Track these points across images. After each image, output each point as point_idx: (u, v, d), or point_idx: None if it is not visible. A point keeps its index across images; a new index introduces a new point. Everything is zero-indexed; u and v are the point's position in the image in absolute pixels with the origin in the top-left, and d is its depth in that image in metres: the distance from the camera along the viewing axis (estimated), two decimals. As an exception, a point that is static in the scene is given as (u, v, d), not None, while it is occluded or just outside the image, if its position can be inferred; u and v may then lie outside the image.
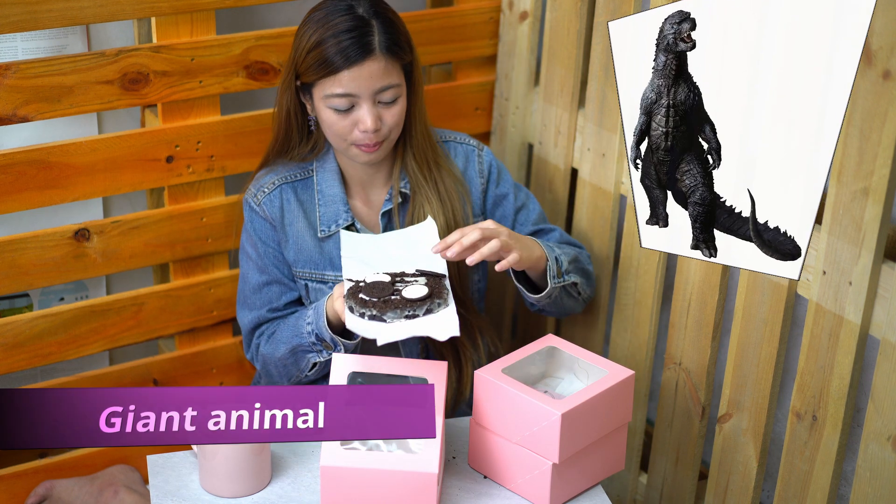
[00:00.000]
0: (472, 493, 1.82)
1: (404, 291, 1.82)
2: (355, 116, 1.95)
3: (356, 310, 1.81)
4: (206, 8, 2.18)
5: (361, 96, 1.93)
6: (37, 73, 2.06)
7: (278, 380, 2.10)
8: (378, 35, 1.93)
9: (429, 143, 2.08)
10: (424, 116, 2.07)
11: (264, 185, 2.07)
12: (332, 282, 2.06)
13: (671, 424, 2.21)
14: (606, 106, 2.25)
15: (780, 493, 1.99)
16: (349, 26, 1.92)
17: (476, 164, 2.15)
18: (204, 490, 1.81)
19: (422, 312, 1.80)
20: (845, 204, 1.76)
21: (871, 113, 1.69)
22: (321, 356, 1.99)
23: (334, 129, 1.97)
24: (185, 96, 2.21)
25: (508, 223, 2.16)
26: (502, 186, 2.16)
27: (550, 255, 2.03)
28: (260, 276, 2.08)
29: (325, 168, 2.08)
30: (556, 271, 2.03)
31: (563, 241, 2.19)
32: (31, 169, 2.11)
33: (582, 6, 2.30)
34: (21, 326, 2.19)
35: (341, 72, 1.92)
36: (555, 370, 1.94)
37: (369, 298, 1.81)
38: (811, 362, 1.89)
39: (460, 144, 2.16)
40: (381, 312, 1.79)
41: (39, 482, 2.30)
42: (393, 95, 1.96)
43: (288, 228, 2.06)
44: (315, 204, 2.07)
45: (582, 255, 2.15)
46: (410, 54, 2.00)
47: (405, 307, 1.80)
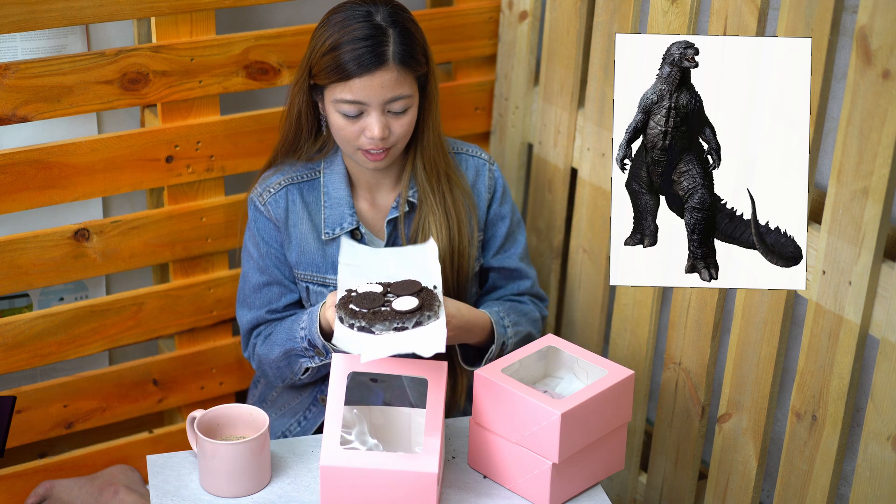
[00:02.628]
0: (472, 493, 1.82)
1: (394, 303, 1.80)
2: (363, 123, 1.94)
3: (346, 320, 1.79)
4: (205, 8, 2.18)
5: (371, 105, 1.92)
6: (36, 73, 2.05)
7: (273, 380, 2.10)
8: (393, 45, 1.91)
9: (441, 154, 2.06)
10: (438, 126, 2.05)
11: (270, 185, 2.07)
12: (334, 285, 2.05)
13: (671, 424, 2.21)
14: (606, 106, 2.25)
15: (779, 492, 1.99)
16: (365, 34, 1.91)
17: (486, 178, 2.13)
18: (204, 490, 1.81)
19: (411, 325, 1.78)
20: (845, 203, 1.76)
21: (871, 113, 1.69)
22: (313, 362, 1.99)
23: (342, 133, 1.96)
24: (185, 96, 2.21)
25: (496, 244, 2.14)
26: (504, 207, 2.15)
27: (497, 342, 2.02)
28: (260, 276, 2.08)
29: (333, 170, 2.07)
30: (496, 355, 2.03)
31: (532, 293, 2.17)
32: (31, 169, 2.11)
33: (582, 6, 2.30)
34: (21, 326, 2.19)
35: (352, 79, 1.90)
36: (555, 370, 1.94)
37: (359, 309, 1.79)
38: (811, 362, 1.89)
39: (472, 157, 2.14)
40: (369, 324, 1.77)
41: (39, 482, 2.30)
42: (403, 106, 1.94)
43: (291, 230, 2.06)
44: (321, 206, 2.06)
45: (535, 328, 2.13)
46: (426, 66, 1.98)
47: (394, 319, 1.77)
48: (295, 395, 2.15)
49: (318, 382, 2.12)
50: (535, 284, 2.18)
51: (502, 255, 2.14)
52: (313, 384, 2.13)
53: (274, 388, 2.18)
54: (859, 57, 1.70)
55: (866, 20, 1.67)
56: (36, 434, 2.28)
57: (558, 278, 2.52)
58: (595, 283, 2.36)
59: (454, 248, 2.05)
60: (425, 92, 2.01)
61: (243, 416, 1.85)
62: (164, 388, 2.39)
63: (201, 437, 1.77)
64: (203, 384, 2.43)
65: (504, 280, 2.16)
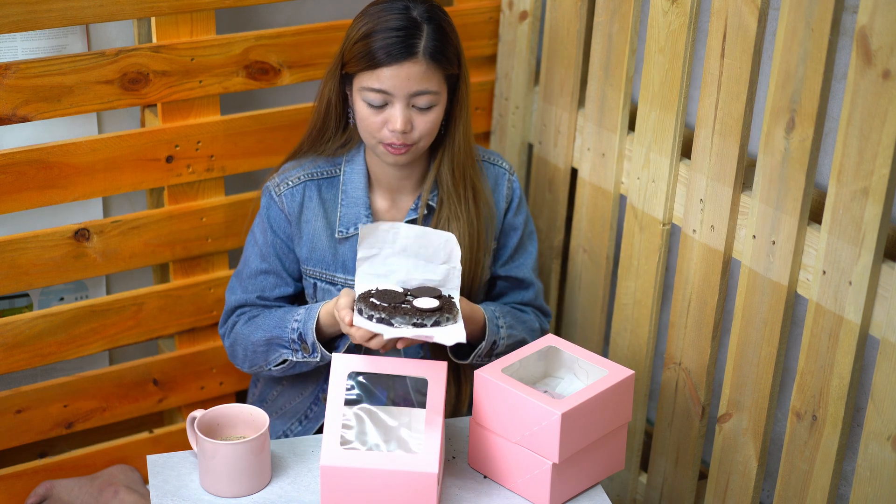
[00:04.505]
0: (472, 492, 1.82)
1: (415, 302, 1.85)
2: (387, 114, 1.93)
3: (365, 312, 1.83)
4: (205, 8, 2.18)
5: (396, 96, 1.92)
6: (37, 73, 2.05)
7: (241, 363, 2.09)
8: (426, 39, 1.91)
9: (470, 161, 2.05)
10: (469, 133, 2.04)
11: (289, 177, 2.06)
12: (342, 284, 2.05)
13: (671, 424, 2.21)
14: (606, 106, 2.25)
15: (780, 492, 1.99)
16: (399, 25, 1.91)
17: (504, 188, 2.13)
18: (204, 490, 1.81)
19: (430, 323, 1.82)
20: (845, 203, 1.76)
21: (871, 113, 1.69)
22: (295, 356, 1.99)
23: (365, 123, 1.96)
24: (185, 96, 2.21)
25: (506, 254, 2.14)
26: (518, 217, 2.14)
27: (488, 340, 2.03)
28: (261, 262, 2.07)
29: (354, 168, 2.06)
30: (486, 353, 2.04)
31: (535, 304, 2.17)
32: (31, 169, 2.11)
33: (582, 6, 2.30)
34: (21, 326, 2.19)
35: (381, 68, 1.90)
36: (555, 370, 1.94)
37: (380, 303, 1.83)
38: (811, 362, 1.89)
39: (492, 165, 2.13)
40: (389, 316, 1.81)
41: (39, 482, 2.30)
42: (428, 102, 1.93)
43: (304, 226, 2.05)
44: (337, 203, 2.06)
45: (530, 337, 2.12)
46: (457, 66, 1.97)
47: (414, 315, 1.82)
48: (296, 394, 2.15)
49: (321, 382, 2.12)
50: (539, 296, 2.18)
51: (511, 265, 2.14)
52: (315, 384, 2.12)
53: (274, 388, 2.18)
54: (859, 57, 1.69)
55: (866, 20, 1.67)
56: (36, 434, 2.28)
57: (558, 278, 2.52)
58: (595, 283, 2.36)
59: (472, 257, 2.06)
60: (456, 95, 2.00)
61: (243, 416, 1.85)
62: (165, 388, 2.39)
63: (201, 437, 1.77)
64: (203, 384, 2.43)
65: (510, 289, 2.16)
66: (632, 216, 2.22)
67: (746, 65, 1.90)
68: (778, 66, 1.83)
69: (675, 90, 2.07)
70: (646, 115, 2.14)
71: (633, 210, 2.22)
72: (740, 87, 1.92)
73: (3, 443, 2.25)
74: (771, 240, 1.92)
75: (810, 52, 1.77)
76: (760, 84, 2.07)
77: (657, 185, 2.14)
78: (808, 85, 1.79)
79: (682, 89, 2.06)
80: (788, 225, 1.88)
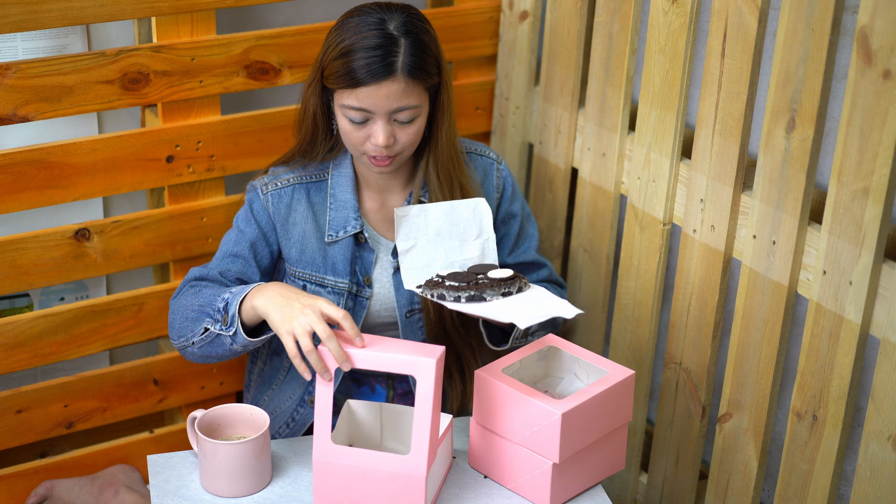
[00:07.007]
0: (472, 492, 1.82)
1: (489, 273, 1.90)
2: (369, 130, 1.93)
3: (449, 296, 1.85)
4: (206, 8, 2.18)
5: (377, 113, 1.91)
6: (37, 72, 2.06)
7: (171, 333, 2.00)
8: (403, 56, 1.90)
9: (454, 163, 2.05)
10: (452, 135, 2.04)
11: (278, 178, 2.05)
12: (332, 286, 2.05)
13: (671, 424, 2.21)
14: (606, 106, 2.25)
15: (780, 492, 1.99)
16: (375, 43, 1.89)
17: (494, 177, 2.13)
18: (204, 490, 1.81)
19: (514, 290, 1.87)
20: (845, 203, 1.76)
21: (871, 113, 1.69)
22: (214, 327, 1.89)
23: (348, 137, 1.96)
24: (186, 96, 2.21)
25: (510, 242, 2.14)
26: (515, 205, 2.15)
27: None
28: (233, 246, 2.04)
29: (341, 172, 2.06)
30: (523, 332, 2.04)
31: (552, 280, 2.19)
32: (31, 169, 2.11)
33: (582, 6, 2.30)
34: (21, 326, 2.19)
35: (359, 87, 1.89)
36: (555, 370, 1.94)
37: (459, 283, 1.86)
38: (811, 362, 1.89)
39: (480, 156, 2.14)
40: (480, 291, 1.85)
41: (40, 482, 2.30)
42: (409, 116, 1.93)
43: (291, 228, 2.05)
44: (326, 207, 2.06)
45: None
46: (437, 76, 1.97)
47: (499, 286, 1.87)
48: (285, 398, 2.15)
49: (306, 385, 2.11)
50: (552, 272, 2.20)
51: (517, 252, 2.15)
52: (301, 386, 2.12)
53: (266, 391, 2.18)
54: (860, 57, 1.69)
55: (867, 20, 1.67)
56: (36, 434, 2.28)
57: (559, 278, 2.52)
58: (595, 283, 2.36)
59: None
60: (437, 101, 2.00)
61: (244, 415, 1.85)
62: (165, 388, 2.39)
63: (202, 436, 1.77)
64: (203, 384, 2.43)
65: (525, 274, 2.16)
66: (632, 216, 2.22)
67: (747, 65, 1.90)
68: (778, 65, 1.83)
69: (675, 90, 2.07)
70: (646, 114, 2.14)
71: (633, 210, 2.22)
72: (741, 86, 1.92)
73: (4, 443, 2.25)
74: (771, 240, 1.92)
75: (810, 51, 1.77)
76: (761, 84, 2.07)
77: (657, 185, 2.15)
78: (809, 85, 1.79)
79: (683, 89, 2.06)
80: (789, 225, 1.88)
